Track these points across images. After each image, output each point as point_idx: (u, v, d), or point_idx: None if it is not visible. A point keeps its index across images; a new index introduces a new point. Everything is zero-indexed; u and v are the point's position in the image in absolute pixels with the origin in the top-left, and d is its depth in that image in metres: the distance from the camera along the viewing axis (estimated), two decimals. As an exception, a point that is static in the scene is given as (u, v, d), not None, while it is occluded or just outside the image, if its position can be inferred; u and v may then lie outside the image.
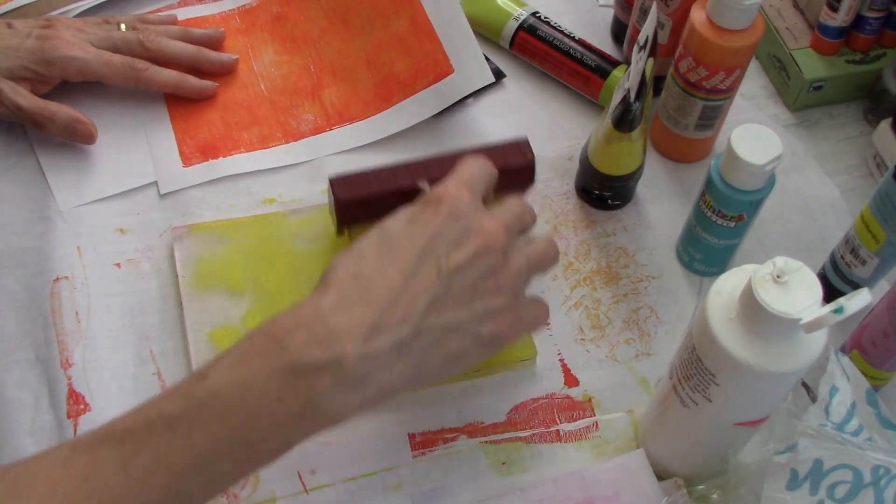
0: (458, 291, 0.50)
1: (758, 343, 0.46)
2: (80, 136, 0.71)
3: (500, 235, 0.52)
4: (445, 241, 0.51)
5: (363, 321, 0.47)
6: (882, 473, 0.53)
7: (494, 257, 0.51)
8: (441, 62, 0.75)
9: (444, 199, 0.52)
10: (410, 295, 0.49)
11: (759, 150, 0.59)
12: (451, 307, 0.50)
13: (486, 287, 0.51)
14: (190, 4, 0.82)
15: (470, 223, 0.52)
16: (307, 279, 0.66)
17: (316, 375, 0.45)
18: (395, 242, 0.51)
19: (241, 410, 0.45)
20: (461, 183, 0.54)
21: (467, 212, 0.52)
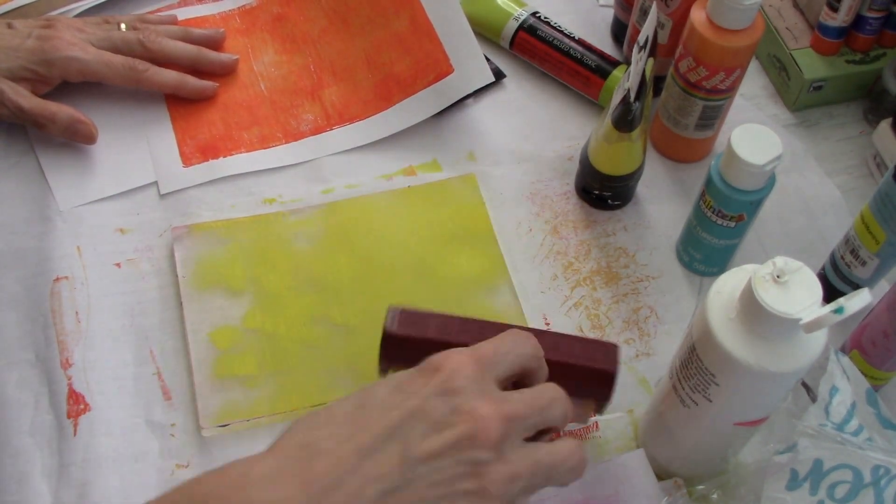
0: (422, 487, 0.41)
1: (758, 343, 0.46)
2: (81, 137, 0.71)
3: (494, 424, 0.42)
4: (424, 421, 0.42)
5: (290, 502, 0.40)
6: (882, 473, 0.53)
7: (481, 452, 0.42)
8: (441, 62, 0.75)
9: (442, 369, 0.44)
10: (359, 480, 0.41)
11: (759, 150, 0.59)
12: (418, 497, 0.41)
13: (462, 488, 0.41)
14: (190, 4, 0.82)
15: (461, 403, 0.42)
16: (307, 279, 0.66)
17: None
18: (368, 412, 0.43)
19: None
20: (473, 354, 0.45)
21: (463, 389, 0.43)
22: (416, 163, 0.74)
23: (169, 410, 0.61)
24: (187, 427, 0.61)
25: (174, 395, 0.62)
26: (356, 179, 0.72)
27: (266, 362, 0.63)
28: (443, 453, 0.41)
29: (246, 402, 0.61)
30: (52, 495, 0.58)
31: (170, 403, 0.62)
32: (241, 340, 0.64)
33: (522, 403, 0.45)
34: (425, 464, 0.41)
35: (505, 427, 0.43)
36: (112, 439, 0.60)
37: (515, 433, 0.44)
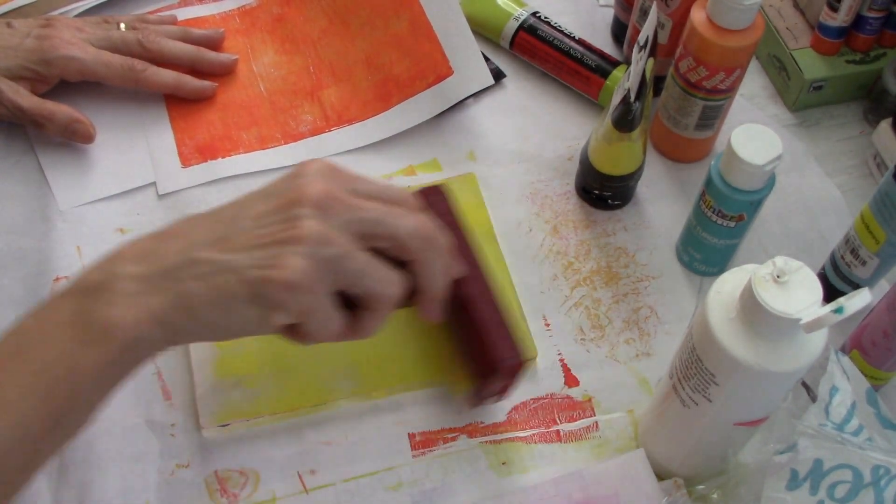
0: (244, 236, 0.48)
1: (758, 343, 0.46)
2: (79, 136, 0.71)
3: (316, 189, 0.48)
4: (264, 194, 0.50)
5: (143, 247, 0.49)
6: (882, 473, 0.53)
7: (300, 209, 0.48)
8: (440, 64, 0.75)
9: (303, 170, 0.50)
10: (196, 232, 0.49)
11: (759, 150, 0.59)
12: (231, 248, 0.48)
13: (279, 237, 0.47)
14: (190, 4, 0.82)
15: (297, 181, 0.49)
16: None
17: (93, 294, 0.47)
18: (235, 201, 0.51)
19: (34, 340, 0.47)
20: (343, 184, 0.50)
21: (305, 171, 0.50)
22: (416, 162, 0.74)
23: (169, 410, 0.61)
24: (187, 427, 0.61)
25: (174, 395, 0.62)
26: (356, 179, 0.72)
27: (266, 362, 0.63)
28: (269, 213, 0.48)
29: (246, 402, 0.61)
30: (52, 495, 0.58)
31: (170, 403, 0.62)
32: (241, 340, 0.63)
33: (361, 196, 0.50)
34: (253, 220, 0.48)
35: (324, 195, 0.48)
36: (112, 439, 0.60)
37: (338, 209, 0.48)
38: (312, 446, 0.61)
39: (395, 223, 0.50)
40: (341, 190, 0.49)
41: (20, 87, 0.69)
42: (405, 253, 0.51)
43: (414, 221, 0.50)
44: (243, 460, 0.60)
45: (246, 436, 0.61)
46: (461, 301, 0.57)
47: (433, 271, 0.52)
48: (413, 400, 0.63)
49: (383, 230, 0.49)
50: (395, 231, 0.50)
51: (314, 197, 0.48)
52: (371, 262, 0.49)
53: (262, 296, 0.47)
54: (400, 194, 0.52)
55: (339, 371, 0.63)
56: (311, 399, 0.62)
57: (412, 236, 0.50)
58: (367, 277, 0.49)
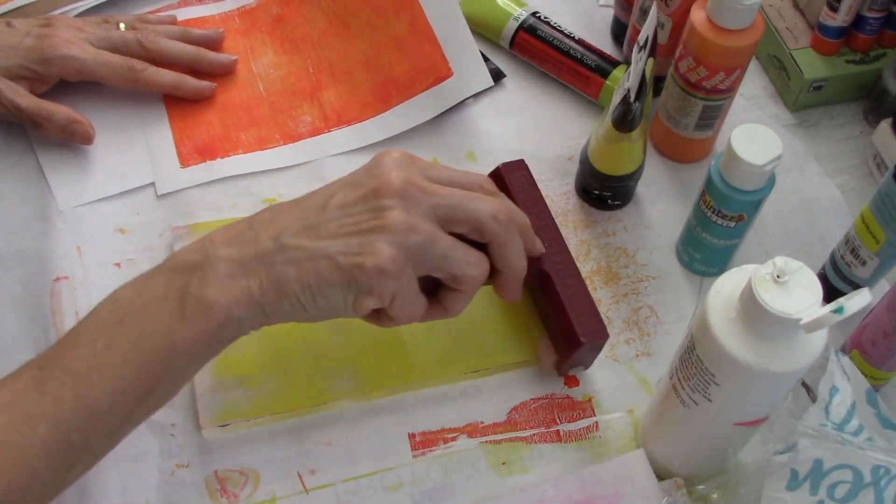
0: (334, 224, 0.50)
1: (758, 343, 0.46)
2: (78, 137, 0.71)
3: (396, 180, 0.51)
4: (347, 185, 0.52)
5: (235, 232, 0.51)
6: (882, 473, 0.53)
7: (384, 200, 0.50)
8: (440, 65, 0.75)
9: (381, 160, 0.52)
10: (287, 219, 0.51)
11: (759, 150, 0.59)
12: (321, 236, 0.50)
13: (365, 226, 0.50)
14: (190, 5, 0.82)
15: (377, 170, 0.52)
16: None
17: (190, 273, 0.50)
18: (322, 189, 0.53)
19: (133, 312, 0.49)
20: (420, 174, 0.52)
21: (384, 161, 0.52)
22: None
23: (169, 410, 0.61)
24: (187, 427, 0.61)
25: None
26: (356, 179, 0.72)
27: (266, 362, 0.63)
28: (354, 203, 0.51)
29: (246, 402, 0.61)
30: (52, 495, 0.58)
31: (170, 403, 0.61)
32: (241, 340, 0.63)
33: (436, 181, 0.52)
34: (338, 209, 0.51)
35: (405, 184, 0.50)
36: (112, 439, 0.60)
37: (419, 197, 0.51)
38: (312, 446, 0.61)
39: (473, 207, 0.52)
40: (420, 177, 0.52)
41: (19, 86, 0.69)
42: (483, 235, 0.53)
43: (491, 205, 0.53)
44: (243, 460, 0.60)
45: (246, 436, 0.61)
46: (544, 276, 0.59)
47: (511, 252, 0.54)
48: (413, 400, 0.63)
49: (462, 214, 0.52)
50: (473, 215, 0.52)
51: (396, 186, 0.50)
52: (454, 246, 0.52)
53: (355, 281, 0.50)
54: (475, 179, 0.55)
55: (339, 371, 0.63)
56: (311, 399, 0.62)
57: (489, 219, 0.52)
58: (452, 261, 0.52)
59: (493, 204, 0.53)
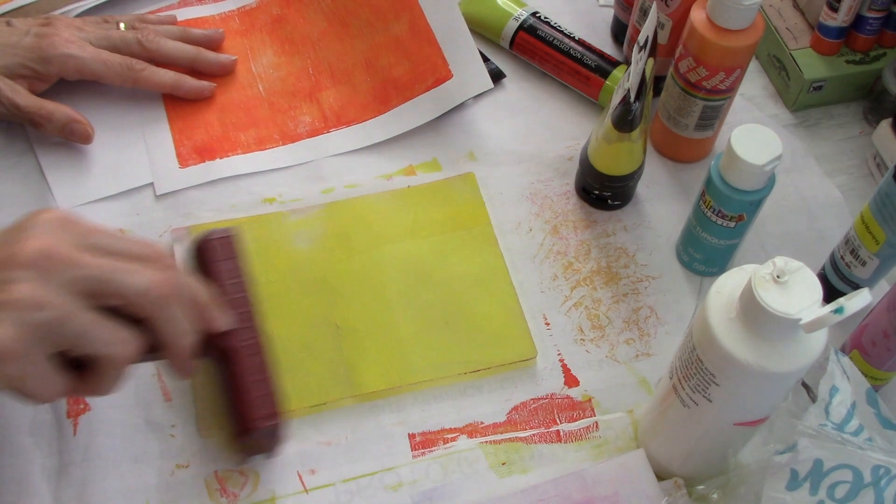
0: None
1: (758, 343, 0.46)
2: (77, 136, 0.71)
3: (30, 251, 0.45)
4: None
5: None
6: (882, 473, 0.53)
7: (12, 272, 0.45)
8: (440, 67, 0.75)
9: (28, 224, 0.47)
10: None
11: (759, 150, 0.59)
12: None
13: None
14: (190, 5, 0.82)
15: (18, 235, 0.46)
16: (307, 279, 0.66)
17: None
18: None
19: None
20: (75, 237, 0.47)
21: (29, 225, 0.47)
22: (416, 162, 0.74)
23: (169, 411, 0.61)
24: (187, 427, 0.61)
25: (174, 396, 0.62)
26: (356, 179, 0.72)
27: (266, 362, 0.63)
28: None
29: (246, 403, 0.61)
30: (51, 495, 0.58)
31: (170, 404, 0.62)
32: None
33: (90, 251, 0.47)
34: None
35: (42, 254, 0.45)
36: (112, 439, 0.60)
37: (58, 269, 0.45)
38: (312, 446, 0.61)
39: (122, 280, 0.47)
40: (67, 245, 0.46)
41: (18, 85, 0.69)
42: (138, 310, 0.48)
43: (146, 278, 0.48)
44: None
45: (246, 436, 0.61)
46: (225, 355, 0.56)
47: (172, 329, 0.49)
48: (413, 400, 0.63)
49: (109, 288, 0.47)
50: (122, 289, 0.47)
51: (31, 256, 0.45)
52: (94, 323, 0.46)
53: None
54: (142, 249, 0.49)
55: (340, 371, 0.63)
56: (310, 399, 0.62)
57: (143, 294, 0.48)
58: (90, 339, 0.46)
59: (149, 277, 0.48)
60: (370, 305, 0.65)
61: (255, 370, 0.55)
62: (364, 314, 0.65)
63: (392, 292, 0.66)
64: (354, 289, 0.66)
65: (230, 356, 0.55)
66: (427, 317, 0.65)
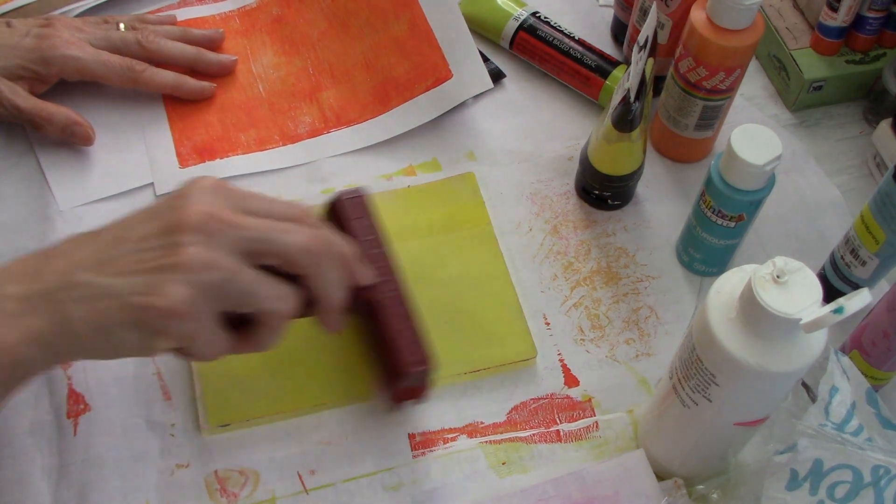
0: (128, 260, 0.47)
1: (758, 343, 0.46)
2: (78, 138, 0.71)
3: (196, 215, 0.48)
4: (145, 215, 0.49)
5: (28, 266, 0.49)
6: (882, 473, 0.53)
7: (182, 236, 0.47)
8: (440, 67, 0.75)
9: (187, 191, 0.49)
10: (83, 252, 0.49)
11: (759, 150, 0.59)
12: (113, 273, 0.47)
13: (159, 263, 0.47)
14: (190, 5, 0.82)
15: (179, 202, 0.49)
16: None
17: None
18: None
19: None
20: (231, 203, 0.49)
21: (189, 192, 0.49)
22: (416, 162, 0.74)
23: (169, 410, 0.61)
24: (187, 427, 0.61)
25: (174, 395, 0.62)
26: (356, 179, 0.72)
27: (266, 362, 0.63)
28: (151, 237, 0.48)
29: (246, 402, 0.61)
30: (51, 495, 0.58)
31: (170, 403, 0.62)
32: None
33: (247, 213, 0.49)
34: (135, 243, 0.48)
35: (207, 218, 0.47)
36: (112, 439, 0.60)
37: (222, 231, 0.48)
38: (312, 446, 0.61)
39: (280, 239, 0.49)
40: (226, 209, 0.49)
41: (19, 87, 0.69)
42: (295, 268, 0.51)
43: (302, 236, 0.50)
44: (243, 460, 0.60)
45: (246, 436, 0.61)
46: (371, 307, 0.58)
47: (327, 284, 0.52)
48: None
49: (269, 247, 0.49)
50: (281, 248, 0.50)
51: (195, 220, 0.47)
52: (258, 281, 0.49)
53: (143, 322, 0.47)
54: (292, 210, 0.52)
55: (339, 371, 0.63)
56: (311, 399, 0.62)
57: (300, 251, 0.50)
58: (255, 296, 0.49)
59: (304, 235, 0.50)
60: (370, 305, 0.65)
61: (401, 319, 0.58)
62: (364, 314, 0.65)
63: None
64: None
65: (376, 309, 0.58)
66: (427, 317, 0.65)
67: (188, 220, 0.47)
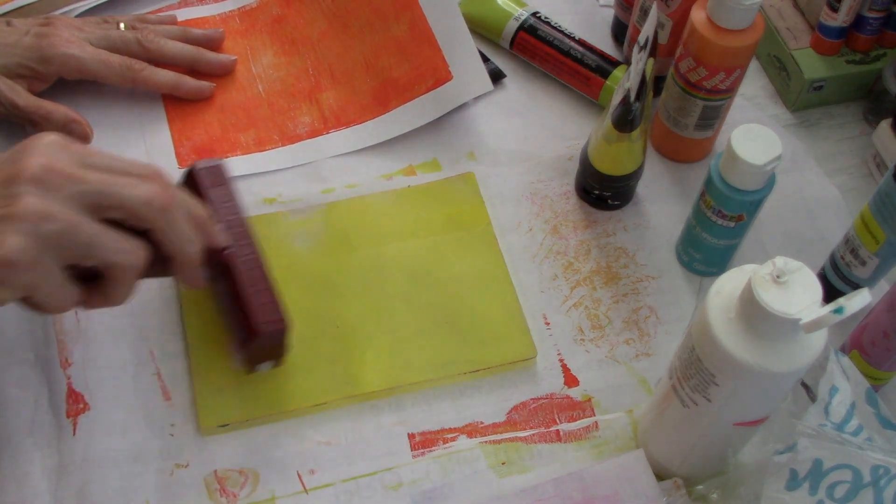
0: None
1: (758, 343, 0.46)
2: (76, 136, 0.71)
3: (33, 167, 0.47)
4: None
5: None
6: (882, 473, 0.53)
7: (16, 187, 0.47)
8: (440, 68, 0.75)
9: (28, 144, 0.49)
10: None
11: (759, 150, 0.59)
12: None
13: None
14: (190, 5, 0.82)
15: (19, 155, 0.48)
16: (307, 279, 0.66)
17: None
18: None
19: None
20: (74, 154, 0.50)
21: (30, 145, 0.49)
22: (416, 162, 0.74)
23: (169, 410, 0.61)
24: (187, 427, 0.61)
25: (174, 395, 0.62)
26: (356, 179, 0.72)
27: (266, 362, 0.63)
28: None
29: (246, 402, 0.61)
30: (51, 495, 0.58)
31: (170, 403, 0.62)
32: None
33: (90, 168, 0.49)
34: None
35: (45, 170, 0.47)
36: (112, 439, 0.60)
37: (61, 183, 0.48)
38: (312, 446, 0.61)
39: (122, 192, 0.50)
40: (67, 162, 0.49)
41: (17, 85, 0.69)
42: (141, 221, 0.51)
43: (145, 190, 0.50)
44: (243, 460, 0.60)
45: (246, 436, 0.61)
46: (226, 271, 0.59)
47: (175, 238, 0.52)
48: (413, 400, 0.63)
49: (109, 200, 0.49)
50: (122, 200, 0.50)
51: (33, 172, 0.47)
52: (102, 233, 0.49)
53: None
54: (138, 167, 0.52)
55: (339, 371, 0.63)
56: (310, 399, 0.62)
57: (143, 204, 0.50)
58: (99, 248, 0.49)
59: (148, 189, 0.50)
60: (370, 305, 0.65)
61: (256, 281, 0.58)
62: (364, 314, 0.65)
63: (392, 292, 0.66)
64: (354, 289, 0.66)
65: (231, 271, 0.58)
66: (427, 317, 0.65)
67: (26, 171, 0.47)
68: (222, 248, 0.57)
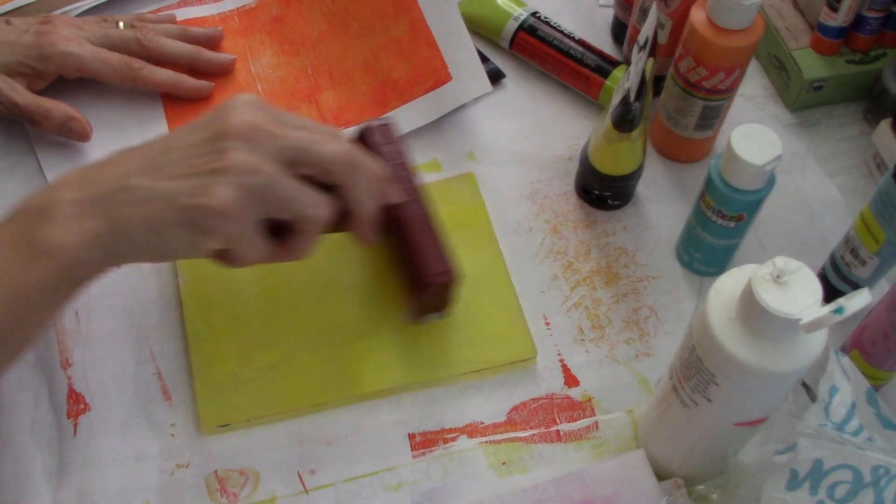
0: (175, 166, 0.51)
1: (758, 343, 0.46)
2: (75, 134, 0.71)
3: (242, 123, 0.51)
4: (195, 126, 0.52)
5: (80, 175, 0.52)
6: (882, 473, 0.53)
7: (227, 143, 0.50)
8: (439, 69, 0.75)
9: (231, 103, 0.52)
10: (133, 161, 0.52)
11: (759, 150, 0.59)
12: (163, 177, 0.50)
13: (207, 167, 0.50)
14: (190, 4, 0.82)
15: (224, 113, 0.52)
16: (307, 280, 0.66)
17: (34, 218, 0.50)
18: None
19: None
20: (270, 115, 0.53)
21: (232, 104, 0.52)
22: (416, 162, 0.74)
23: (169, 410, 0.61)
24: (187, 427, 0.61)
25: (174, 395, 0.62)
26: (356, 179, 0.72)
27: (266, 362, 0.63)
28: (198, 144, 0.51)
29: (246, 402, 0.61)
30: (51, 495, 0.58)
31: (170, 403, 0.62)
32: (241, 339, 0.64)
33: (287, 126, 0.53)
34: (183, 151, 0.51)
35: (250, 126, 0.51)
36: (112, 439, 0.60)
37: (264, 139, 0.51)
38: (312, 446, 0.61)
39: (318, 149, 0.53)
40: (268, 120, 0.52)
41: (17, 83, 0.69)
42: (331, 177, 0.54)
43: (338, 147, 0.53)
44: (243, 460, 0.60)
45: (246, 436, 0.61)
46: (398, 225, 0.61)
47: (360, 194, 0.55)
48: (413, 400, 0.63)
49: (307, 156, 0.52)
50: (318, 156, 0.53)
51: (240, 128, 0.51)
52: (297, 187, 0.52)
53: (193, 221, 0.50)
54: (321, 126, 0.55)
55: (339, 371, 0.63)
56: (311, 399, 0.62)
57: (336, 161, 0.53)
58: (294, 202, 0.52)
59: (339, 146, 0.53)
60: (370, 305, 0.65)
61: (426, 235, 0.61)
62: (364, 314, 0.65)
63: (392, 292, 0.66)
64: (354, 289, 0.66)
65: (403, 225, 0.61)
66: (427, 317, 0.65)
67: (233, 127, 0.51)
68: (396, 203, 0.60)
